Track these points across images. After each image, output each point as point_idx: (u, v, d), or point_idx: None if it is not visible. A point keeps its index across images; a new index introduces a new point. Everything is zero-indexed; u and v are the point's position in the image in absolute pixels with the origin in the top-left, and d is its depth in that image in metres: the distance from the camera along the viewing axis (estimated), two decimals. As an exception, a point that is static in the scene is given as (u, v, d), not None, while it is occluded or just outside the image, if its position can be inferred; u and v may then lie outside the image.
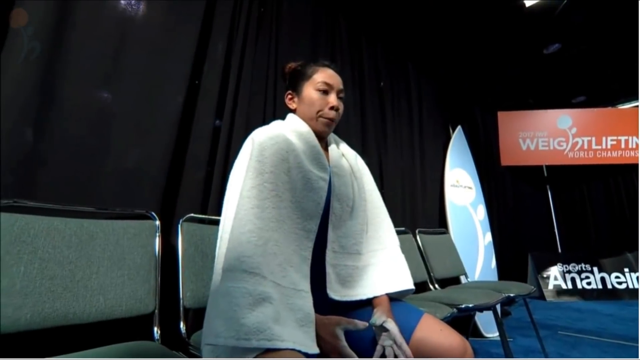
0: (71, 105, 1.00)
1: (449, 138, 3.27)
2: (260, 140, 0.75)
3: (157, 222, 1.05)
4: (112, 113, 1.09)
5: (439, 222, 2.83)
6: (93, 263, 0.88)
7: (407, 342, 0.70)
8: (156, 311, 0.93)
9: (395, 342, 0.63)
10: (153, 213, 1.06)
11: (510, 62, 3.54)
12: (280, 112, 1.64)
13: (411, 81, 2.83)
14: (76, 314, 0.81)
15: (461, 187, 3.10)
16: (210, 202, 1.29)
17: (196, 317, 1.05)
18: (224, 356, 0.54)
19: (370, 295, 0.77)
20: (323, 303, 0.70)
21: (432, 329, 0.71)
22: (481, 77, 3.71)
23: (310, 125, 0.83)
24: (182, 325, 0.96)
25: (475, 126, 3.79)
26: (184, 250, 1.06)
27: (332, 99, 0.83)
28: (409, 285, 0.81)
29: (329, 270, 0.74)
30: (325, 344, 0.62)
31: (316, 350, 0.58)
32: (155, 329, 0.92)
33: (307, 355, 0.56)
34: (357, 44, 2.30)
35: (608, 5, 2.75)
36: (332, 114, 0.82)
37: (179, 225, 1.09)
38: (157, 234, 1.03)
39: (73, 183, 0.99)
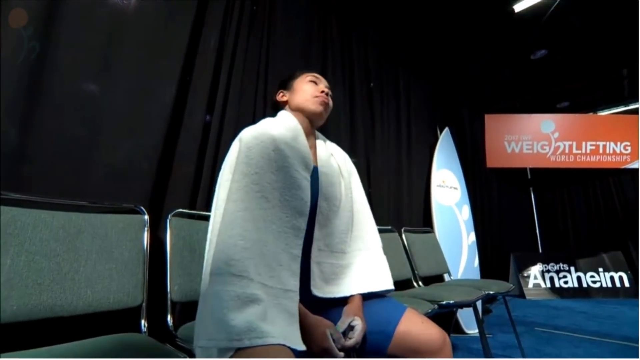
0: (60, 99, 1.00)
1: (436, 139, 3.33)
2: (247, 140, 0.76)
3: (146, 217, 1.06)
4: (103, 107, 1.09)
5: (424, 221, 2.89)
6: (81, 256, 0.88)
7: (392, 333, 0.74)
8: (144, 304, 0.94)
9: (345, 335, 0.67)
10: (142, 207, 1.07)
11: (499, 66, 3.64)
12: (270, 110, 1.66)
13: (401, 82, 2.87)
14: (63, 306, 0.81)
15: (447, 187, 3.17)
16: (199, 197, 1.29)
17: (183, 310, 1.06)
18: (216, 355, 0.55)
19: (349, 294, 0.79)
20: (305, 298, 0.72)
21: (414, 322, 0.75)
22: (469, 80, 3.79)
23: (305, 111, 0.87)
24: (169, 318, 0.97)
25: (462, 128, 3.87)
26: (172, 244, 1.06)
27: (322, 86, 0.89)
28: (389, 285, 0.85)
29: (313, 267, 0.76)
30: (315, 344, 0.64)
31: (303, 347, 0.60)
32: (143, 321, 0.93)
33: (294, 350, 0.58)
34: (348, 44, 2.33)
35: (594, 15, 2.86)
36: (324, 95, 0.87)
37: (168, 220, 1.10)
38: (146, 228, 1.04)
39: (61, 177, 0.99)
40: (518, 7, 2.72)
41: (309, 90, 0.87)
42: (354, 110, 2.23)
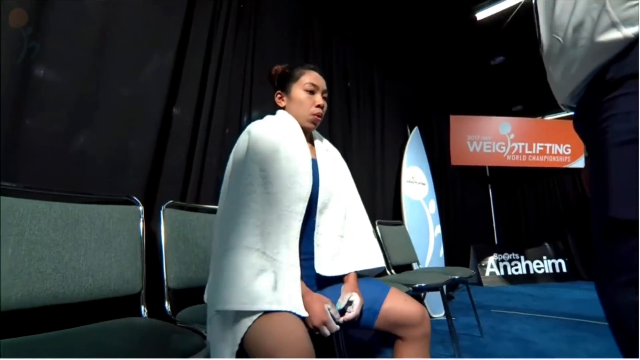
0: (56, 94, 0.99)
1: (406, 138, 3.53)
2: (255, 133, 0.85)
3: (141, 208, 1.08)
4: (98, 102, 1.09)
5: (395, 215, 3.08)
6: (80, 245, 0.90)
7: (378, 310, 0.84)
8: (143, 291, 0.98)
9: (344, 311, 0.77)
10: (136, 199, 1.09)
11: (463, 70, 3.90)
12: (256, 104, 1.71)
13: (375, 83, 3.01)
14: (66, 293, 0.83)
15: (416, 183, 3.38)
16: (189, 190, 1.32)
17: (180, 297, 1.10)
18: (232, 319, 0.63)
19: (347, 272, 0.89)
20: (310, 276, 0.81)
21: (398, 299, 0.86)
22: (437, 82, 4.03)
23: (298, 121, 0.93)
24: (167, 304, 1.01)
25: (430, 128, 4.12)
26: (167, 234, 1.10)
27: (318, 98, 0.94)
28: (380, 263, 0.96)
29: (316, 249, 0.85)
30: (315, 317, 0.72)
31: (306, 314, 0.69)
32: (143, 307, 0.96)
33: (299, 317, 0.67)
34: (328, 45, 2.42)
35: None
36: (318, 110, 0.93)
37: (161, 211, 1.13)
38: (141, 219, 1.07)
39: (54, 169, 0.99)
40: (480, 16, 2.92)
41: (304, 104, 0.92)
42: (332, 108, 2.33)
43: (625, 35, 0.47)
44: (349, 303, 0.79)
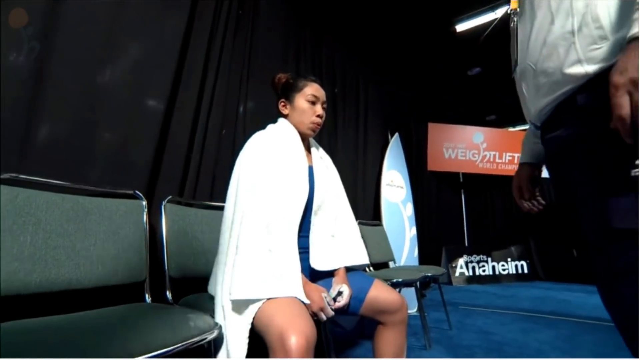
0: (62, 94, 1.05)
1: (387, 143, 3.70)
2: (259, 141, 0.96)
3: (144, 202, 1.15)
4: (104, 100, 1.15)
5: (375, 215, 3.24)
6: (90, 236, 0.96)
7: (364, 298, 0.96)
8: (147, 279, 1.05)
9: (335, 300, 0.88)
10: (140, 193, 1.16)
11: (442, 80, 4.12)
12: (252, 107, 1.79)
13: (361, 90, 3.16)
14: (79, 279, 0.90)
15: (395, 186, 3.57)
16: (187, 186, 1.40)
17: (179, 285, 1.17)
18: (244, 304, 0.73)
19: (335, 267, 1.01)
20: (305, 268, 0.92)
21: (381, 289, 0.99)
22: (417, 90, 4.24)
23: (299, 129, 1.04)
24: (168, 292, 1.09)
25: (409, 134, 4.33)
26: (168, 228, 1.18)
27: (319, 108, 1.05)
28: (366, 260, 1.09)
29: (311, 247, 0.97)
30: (314, 304, 0.83)
31: (307, 301, 0.81)
32: (147, 295, 1.04)
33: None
34: (318, 53, 2.53)
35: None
36: (318, 120, 1.04)
37: (162, 206, 1.20)
38: (145, 212, 1.14)
39: (61, 165, 1.05)
40: (459, 28, 3.09)
41: (306, 113, 1.02)
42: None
43: (587, 72, 0.56)
44: (339, 293, 0.91)
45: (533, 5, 0.68)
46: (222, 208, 1.43)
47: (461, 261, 4.54)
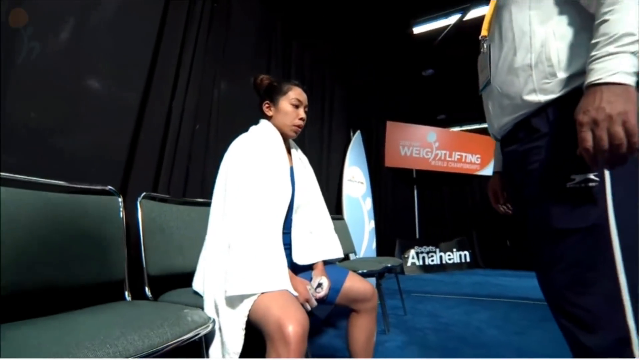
0: (34, 89, 0.99)
1: (349, 140, 3.86)
2: (244, 144, 1.01)
3: (120, 198, 1.13)
4: (75, 97, 1.10)
5: (337, 210, 3.38)
6: (66, 234, 0.93)
7: (339, 289, 1.06)
8: (126, 278, 1.04)
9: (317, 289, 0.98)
10: (114, 189, 1.13)
11: (399, 81, 4.33)
12: (225, 100, 1.78)
13: (327, 89, 3.25)
14: (57, 280, 0.88)
15: (355, 182, 3.74)
16: (160, 182, 1.38)
17: (157, 282, 1.17)
18: (238, 299, 0.78)
19: (315, 261, 1.10)
20: (288, 264, 0.99)
21: (355, 280, 1.10)
22: (377, 89, 4.42)
23: (282, 131, 1.10)
24: (147, 290, 1.09)
25: (370, 132, 4.53)
26: (145, 225, 1.17)
27: (301, 111, 1.11)
28: (340, 254, 1.19)
29: (293, 243, 1.04)
30: (301, 295, 0.91)
31: (296, 294, 0.88)
32: (127, 292, 1.03)
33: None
34: (288, 49, 2.56)
35: (472, 48, 3.70)
36: (300, 123, 1.11)
37: (138, 202, 1.18)
38: (121, 209, 1.11)
39: (30, 160, 0.99)
40: (417, 30, 3.27)
41: (290, 116, 1.08)
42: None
43: (540, 100, 0.69)
44: (319, 285, 1.00)
45: (502, 35, 0.80)
46: (196, 204, 1.46)
47: (412, 252, 4.89)
